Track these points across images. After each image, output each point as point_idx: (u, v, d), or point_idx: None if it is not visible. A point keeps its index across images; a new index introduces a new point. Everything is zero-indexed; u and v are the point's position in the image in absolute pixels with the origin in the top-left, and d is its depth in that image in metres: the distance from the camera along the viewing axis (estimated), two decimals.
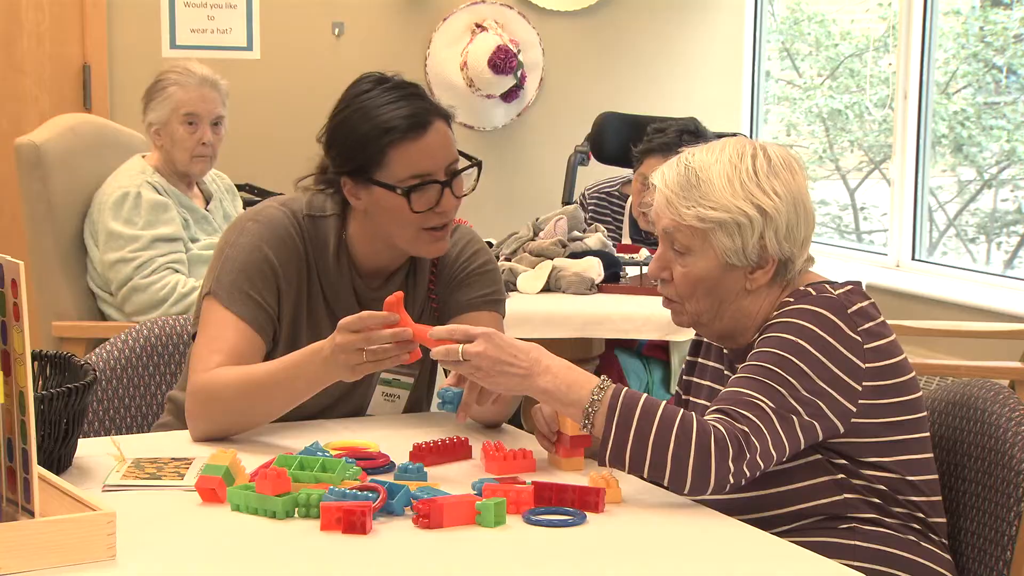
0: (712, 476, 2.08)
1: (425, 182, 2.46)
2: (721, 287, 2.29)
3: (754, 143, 2.31)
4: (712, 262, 2.27)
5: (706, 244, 2.26)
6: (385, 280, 2.60)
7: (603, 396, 2.13)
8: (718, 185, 2.25)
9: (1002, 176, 5.96)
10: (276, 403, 2.41)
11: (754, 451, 2.11)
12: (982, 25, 5.93)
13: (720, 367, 2.41)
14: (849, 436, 2.19)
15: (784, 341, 2.19)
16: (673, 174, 2.29)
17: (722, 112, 6.45)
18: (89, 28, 5.76)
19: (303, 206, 2.58)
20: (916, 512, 2.23)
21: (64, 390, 2.17)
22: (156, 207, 4.04)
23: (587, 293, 3.99)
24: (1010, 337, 4.35)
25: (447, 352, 2.18)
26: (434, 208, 2.47)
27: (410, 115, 2.45)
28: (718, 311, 2.31)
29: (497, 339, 2.18)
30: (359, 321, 2.25)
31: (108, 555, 1.80)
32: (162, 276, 3.98)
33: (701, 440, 2.08)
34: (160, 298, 3.97)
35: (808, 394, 2.16)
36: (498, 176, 6.31)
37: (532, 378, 2.17)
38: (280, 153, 5.66)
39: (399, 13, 6.17)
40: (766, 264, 2.27)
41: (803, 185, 2.28)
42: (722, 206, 2.24)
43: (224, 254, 2.53)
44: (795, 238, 2.27)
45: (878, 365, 2.21)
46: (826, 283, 2.30)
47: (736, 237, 2.25)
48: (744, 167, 2.25)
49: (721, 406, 2.16)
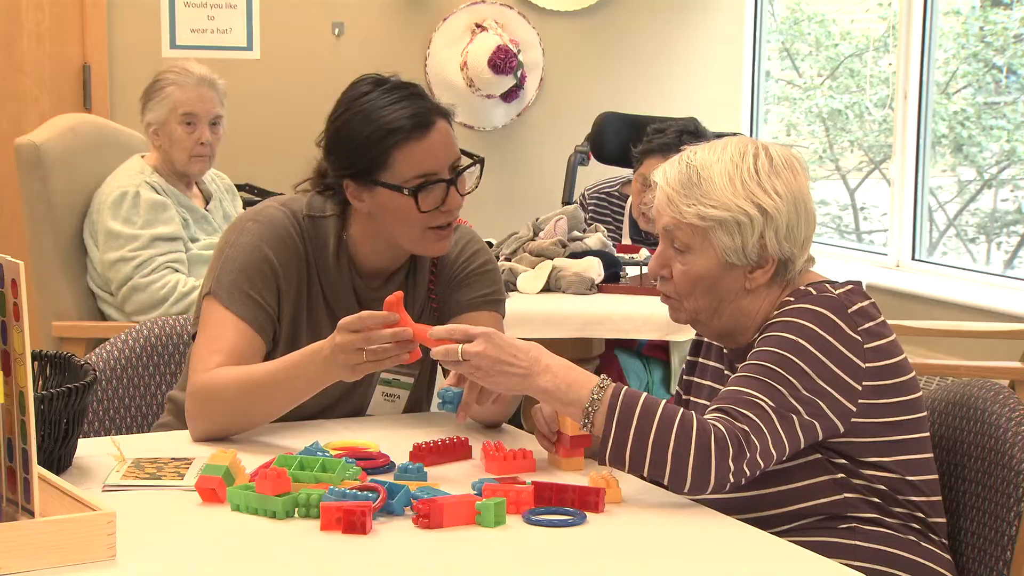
0: (712, 475, 2.08)
1: (431, 181, 2.46)
2: (720, 286, 2.29)
3: (756, 142, 2.31)
4: (712, 260, 2.27)
5: (706, 242, 2.26)
6: (385, 280, 2.60)
7: (603, 395, 2.13)
8: (719, 184, 2.25)
9: (1002, 176, 5.96)
10: (276, 403, 2.41)
11: (754, 450, 2.11)
12: (982, 25, 5.93)
13: (720, 367, 2.41)
14: (849, 436, 2.19)
15: (784, 340, 2.19)
16: (675, 172, 2.29)
17: (722, 112, 6.45)
18: (89, 28, 5.76)
19: (303, 206, 2.58)
20: (916, 512, 2.23)
21: (64, 390, 2.17)
22: (155, 206, 4.04)
23: (587, 293, 3.99)
24: (1010, 337, 4.35)
25: (447, 352, 2.18)
26: (440, 207, 2.47)
27: (413, 115, 2.45)
28: (717, 310, 2.30)
29: (496, 339, 2.18)
30: (359, 321, 2.25)
31: (108, 555, 1.80)
32: (162, 275, 3.98)
33: (701, 439, 2.08)
34: (160, 297, 3.97)
35: (808, 393, 2.16)
36: (498, 176, 6.31)
37: (532, 377, 2.17)
38: (280, 153, 5.66)
39: (399, 13, 6.17)
40: (766, 264, 2.27)
41: (804, 185, 2.28)
42: (723, 204, 2.24)
43: (224, 254, 2.53)
44: (795, 238, 2.27)
45: (878, 365, 2.21)
46: (826, 283, 2.30)
47: (736, 236, 2.25)
48: (746, 166, 2.25)
49: (721, 405, 2.16)
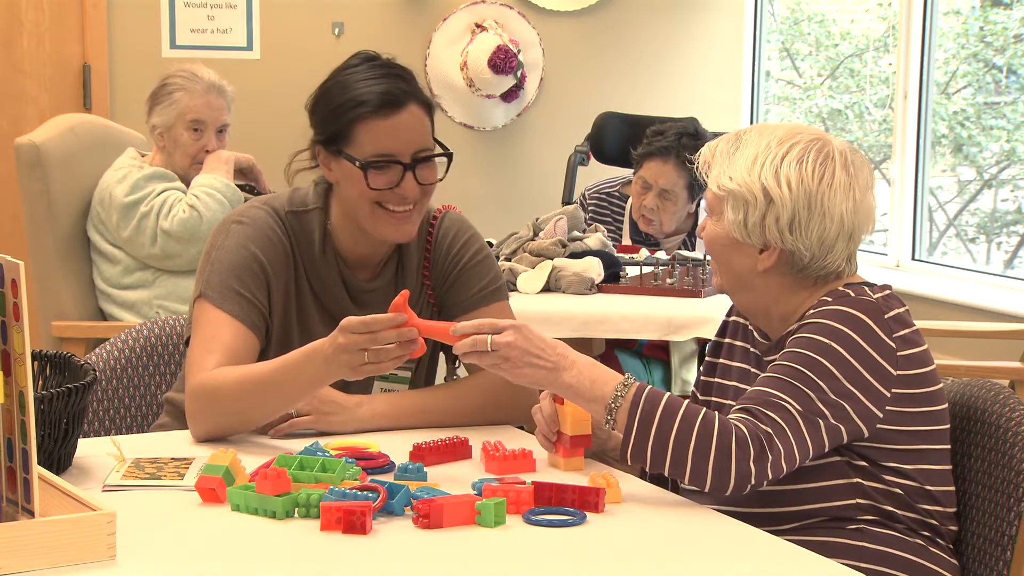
0: (732, 475, 2.08)
1: (387, 161, 2.47)
2: (734, 261, 2.31)
3: (824, 139, 2.29)
4: (723, 230, 2.30)
5: (722, 211, 2.30)
6: (373, 271, 2.61)
7: (626, 392, 2.14)
8: (745, 159, 2.28)
9: (1002, 176, 5.96)
10: (277, 402, 2.41)
11: (777, 453, 2.10)
12: (982, 25, 5.93)
13: (746, 366, 2.40)
14: (873, 441, 2.19)
15: (815, 343, 2.19)
16: (724, 140, 2.34)
17: (722, 112, 6.44)
18: (89, 28, 5.75)
19: (285, 203, 2.60)
20: (929, 519, 2.23)
21: (64, 390, 2.17)
22: (160, 175, 4.09)
23: (587, 293, 3.99)
24: (1010, 337, 4.35)
25: (473, 344, 2.18)
26: (393, 189, 2.48)
27: (384, 93, 2.47)
28: (734, 285, 2.33)
29: (526, 331, 2.19)
30: (363, 325, 2.23)
31: (108, 555, 1.80)
32: (181, 206, 4.01)
33: (722, 439, 2.08)
34: (194, 221, 3.98)
35: (835, 396, 2.15)
36: (498, 176, 6.31)
37: (558, 372, 2.18)
38: (280, 153, 5.60)
39: (399, 13, 6.17)
40: (768, 248, 2.27)
41: (829, 193, 2.23)
42: (738, 179, 2.27)
43: (211, 257, 2.54)
44: (803, 233, 2.25)
45: (910, 373, 2.20)
46: (865, 284, 2.29)
47: (740, 211, 2.27)
48: (778, 152, 2.26)
49: (747, 405, 2.15)
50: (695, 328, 3.78)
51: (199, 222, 4.00)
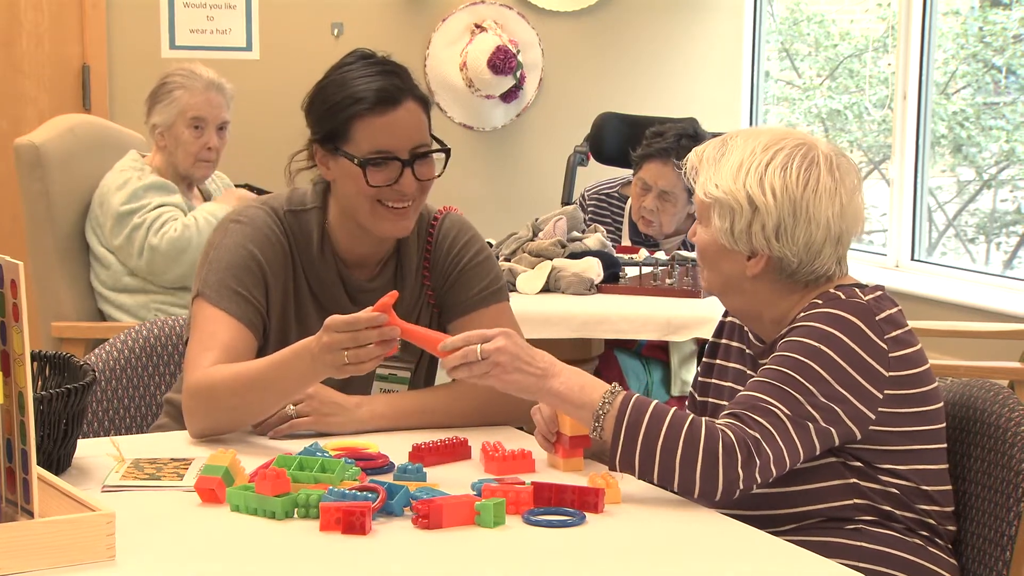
0: (720, 481, 2.07)
1: (385, 158, 2.47)
2: (722, 266, 2.30)
3: (810, 144, 2.28)
4: (711, 237, 2.30)
5: (709, 218, 2.29)
6: (372, 270, 2.61)
7: (614, 400, 2.14)
8: (731, 166, 2.27)
9: (1001, 176, 5.96)
10: (269, 399, 2.41)
11: (766, 458, 2.10)
12: (981, 25, 5.93)
13: (741, 367, 2.40)
14: (866, 443, 2.19)
15: (804, 346, 2.18)
16: (712, 146, 2.34)
17: (722, 112, 6.44)
18: (89, 28, 5.75)
19: (283, 202, 2.60)
20: (927, 519, 2.23)
21: (63, 390, 2.17)
22: (160, 185, 4.06)
23: (586, 293, 3.99)
24: (1010, 337, 4.35)
25: (464, 355, 2.18)
26: (392, 185, 2.48)
27: (380, 90, 2.47)
28: (723, 289, 2.33)
29: (515, 338, 2.19)
30: (345, 324, 2.24)
31: (108, 555, 1.80)
32: (174, 224, 3.99)
33: (709, 445, 2.08)
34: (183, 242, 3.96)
35: (826, 399, 2.15)
36: (498, 177, 6.31)
37: (547, 378, 2.18)
38: (280, 153, 5.60)
39: (399, 13, 6.17)
40: (755, 255, 2.27)
41: (815, 199, 2.22)
42: (723, 186, 2.27)
43: (209, 256, 2.54)
44: (789, 240, 2.25)
45: (902, 374, 2.20)
46: (856, 286, 2.29)
47: (726, 219, 2.27)
48: (762, 158, 2.26)
49: (735, 410, 2.15)
50: (694, 328, 3.78)
51: (188, 244, 3.98)
